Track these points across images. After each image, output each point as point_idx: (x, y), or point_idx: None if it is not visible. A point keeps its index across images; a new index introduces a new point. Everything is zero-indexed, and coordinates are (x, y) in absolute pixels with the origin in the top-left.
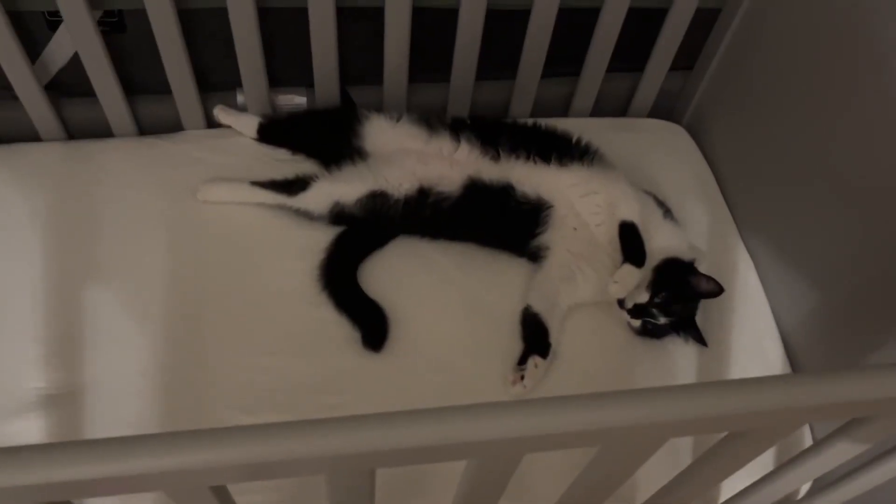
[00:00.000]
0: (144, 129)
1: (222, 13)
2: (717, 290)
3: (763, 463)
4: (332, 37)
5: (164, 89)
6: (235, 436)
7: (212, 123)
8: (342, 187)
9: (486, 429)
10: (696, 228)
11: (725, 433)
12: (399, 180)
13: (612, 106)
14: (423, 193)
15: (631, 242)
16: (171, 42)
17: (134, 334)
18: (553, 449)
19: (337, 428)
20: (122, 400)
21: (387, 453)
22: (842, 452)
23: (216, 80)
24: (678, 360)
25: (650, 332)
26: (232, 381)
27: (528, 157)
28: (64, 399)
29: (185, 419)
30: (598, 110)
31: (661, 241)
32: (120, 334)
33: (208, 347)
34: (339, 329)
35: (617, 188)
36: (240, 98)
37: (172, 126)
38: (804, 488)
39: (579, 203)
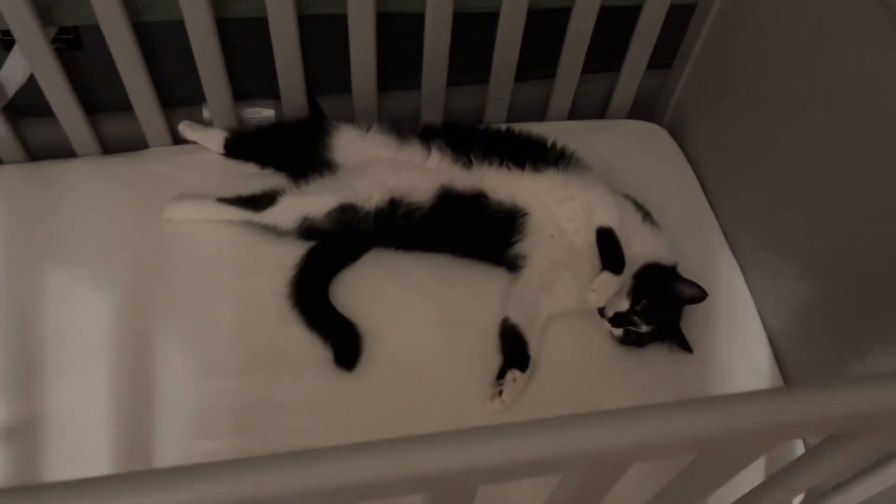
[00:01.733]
0: (108, 147)
1: (180, 26)
2: (701, 296)
3: (753, 474)
4: (296, 46)
5: (126, 106)
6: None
7: (178, 139)
8: (310, 201)
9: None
10: (678, 231)
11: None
12: (369, 192)
13: (590, 108)
14: (394, 204)
15: (609, 249)
16: (128, 57)
17: (97, 362)
18: (508, 480)
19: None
20: (84, 430)
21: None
22: (826, 467)
23: (180, 95)
24: (663, 368)
25: (633, 340)
26: (198, 405)
27: (501, 164)
28: (24, 430)
29: (152, 447)
30: (576, 113)
31: (641, 247)
32: (82, 362)
33: (174, 372)
34: (310, 348)
35: (594, 193)
36: (205, 113)
37: (137, 143)
38: (797, 501)
39: (556, 209)
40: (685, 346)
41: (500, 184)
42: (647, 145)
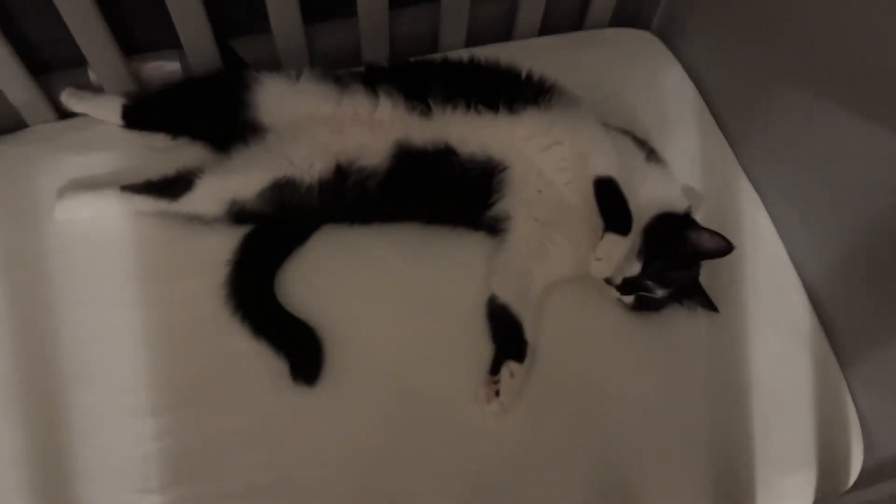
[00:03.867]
0: None
1: None
2: (726, 248)
3: None
4: None
5: None
6: None
7: (64, 113)
8: (236, 180)
9: None
10: (686, 163)
11: None
12: (308, 160)
13: (565, 18)
14: (341, 172)
15: (611, 204)
16: None
17: None
18: None
19: None
20: None
21: None
22: None
23: (54, 56)
24: (686, 332)
25: (647, 306)
26: (129, 451)
27: (467, 107)
28: None
29: None
30: (549, 27)
31: (648, 193)
32: None
33: (91, 417)
34: (260, 362)
35: (585, 133)
36: (92, 75)
37: (13, 123)
38: None
39: (540, 158)
40: (709, 305)
41: (469, 132)
42: (637, 57)
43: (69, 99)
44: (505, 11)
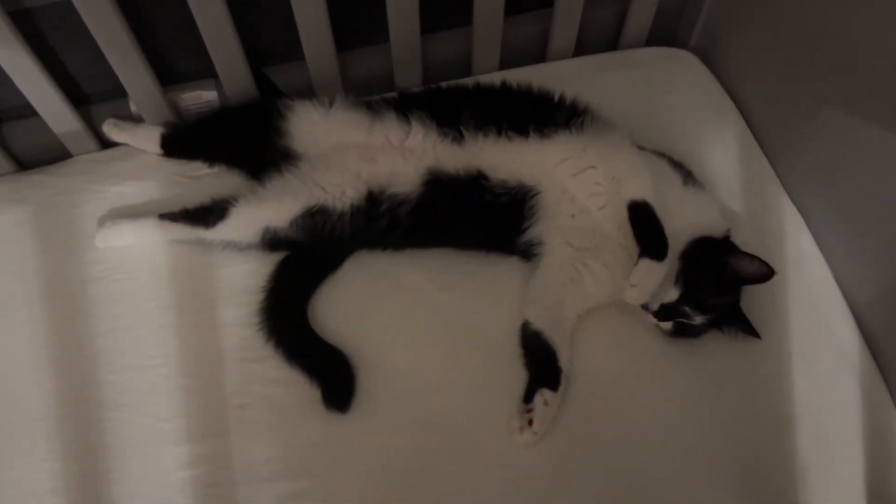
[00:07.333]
0: (24, 162)
1: (68, 7)
2: (767, 273)
3: None
4: (222, 6)
5: (30, 110)
6: None
7: (106, 143)
8: (269, 208)
9: None
10: (726, 185)
11: None
12: (340, 187)
13: (600, 38)
14: (373, 200)
15: (646, 229)
16: (9, 51)
17: (35, 440)
18: None
19: None
20: None
21: None
22: None
23: (97, 89)
24: (727, 360)
25: (685, 332)
26: (162, 481)
27: (499, 132)
28: None
29: None
30: (584, 47)
31: (685, 218)
32: (17, 442)
33: (127, 443)
34: (292, 389)
35: (619, 157)
36: (132, 106)
37: (58, 154)
38: None
39: (573, 183)
40: (751, 332)
41: (501, 158)
42: (675, 77)
43: (111, 129)
44: (539, 33)
